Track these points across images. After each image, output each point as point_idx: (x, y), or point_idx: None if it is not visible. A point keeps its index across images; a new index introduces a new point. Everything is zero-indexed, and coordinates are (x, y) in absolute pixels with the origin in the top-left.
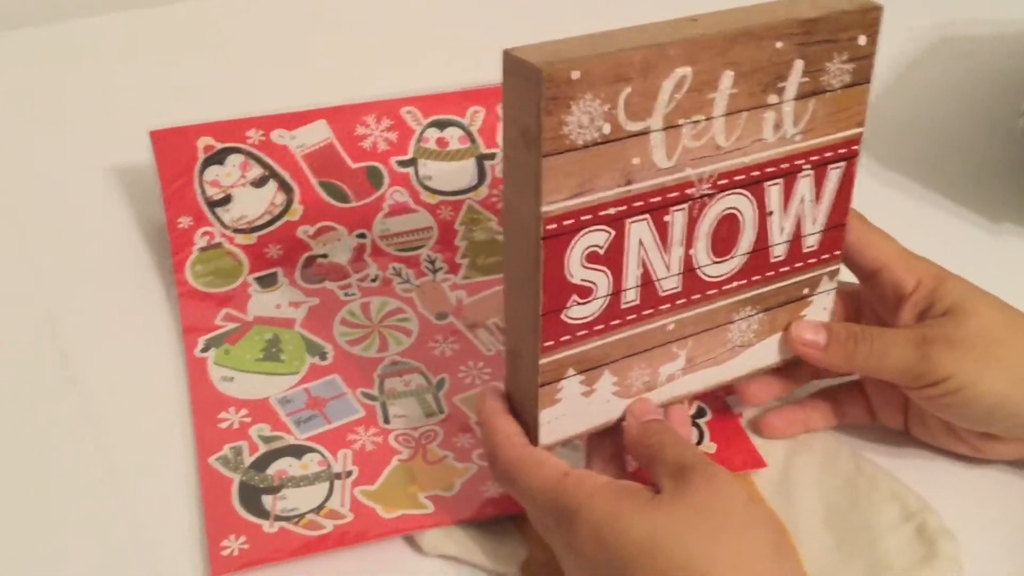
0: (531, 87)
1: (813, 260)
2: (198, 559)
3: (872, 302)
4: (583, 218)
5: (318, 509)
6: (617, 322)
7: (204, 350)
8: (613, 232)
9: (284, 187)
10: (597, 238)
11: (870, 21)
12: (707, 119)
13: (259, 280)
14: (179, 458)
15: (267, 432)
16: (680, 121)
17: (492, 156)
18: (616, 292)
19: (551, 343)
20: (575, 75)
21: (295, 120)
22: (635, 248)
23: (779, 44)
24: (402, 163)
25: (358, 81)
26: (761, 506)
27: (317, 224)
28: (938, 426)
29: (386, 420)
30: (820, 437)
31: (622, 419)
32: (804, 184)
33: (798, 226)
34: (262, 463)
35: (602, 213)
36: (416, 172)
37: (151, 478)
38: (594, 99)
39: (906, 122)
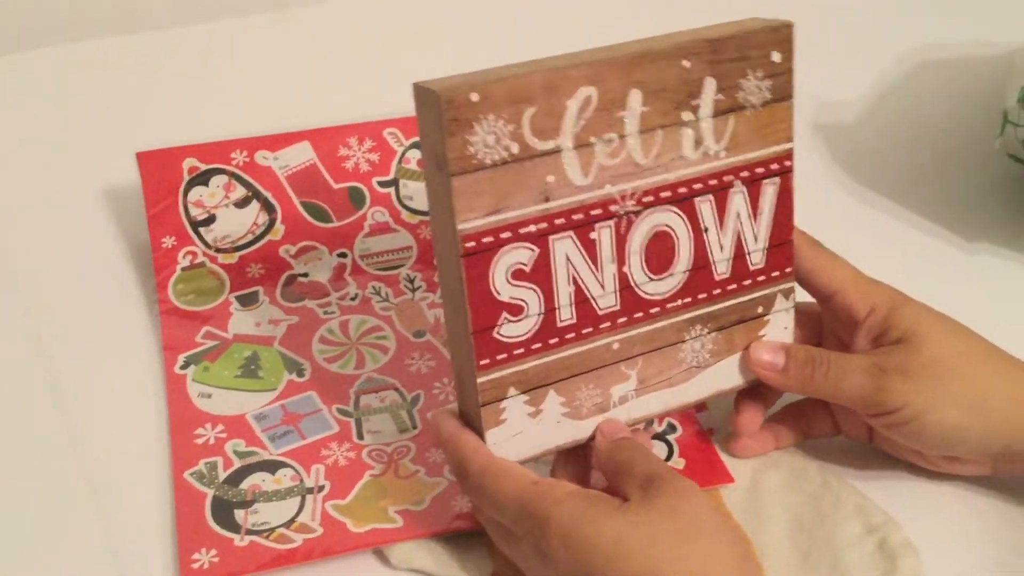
0: (434, 112)
1: (762, 278)
2: (170, 572)
3: (829, 324)
4: (502, 236)
5: (289, 523)
6: (555, 340)
7: (183, 367)
8: (537, 249)
9: (267, 207)
10: (520, 255)
11: (782, 38)
12: (620, 137)
13: (240, 299)
14: (156, 473)
15: (242, 447)
16: (592, 139)
17: None
18: (550, 310)
19: (486, 361)
20: (474, 97)
21: (279, 142)
22: (563, 265)
23: (686, 63)
24: (384, 183)
25: (341, 103)
26: (728, 518)
27: (299, 243)
28: (899, 442)
29: (360, 436)
30: (787, 453)
31: (580, 442)
32: (737, 200)
33: (739, 243)
34: (236, 478)
35: (522, 231)
36: (397, 192)
37: (128, 492)
38: (497, 120)
39: (885, 142)
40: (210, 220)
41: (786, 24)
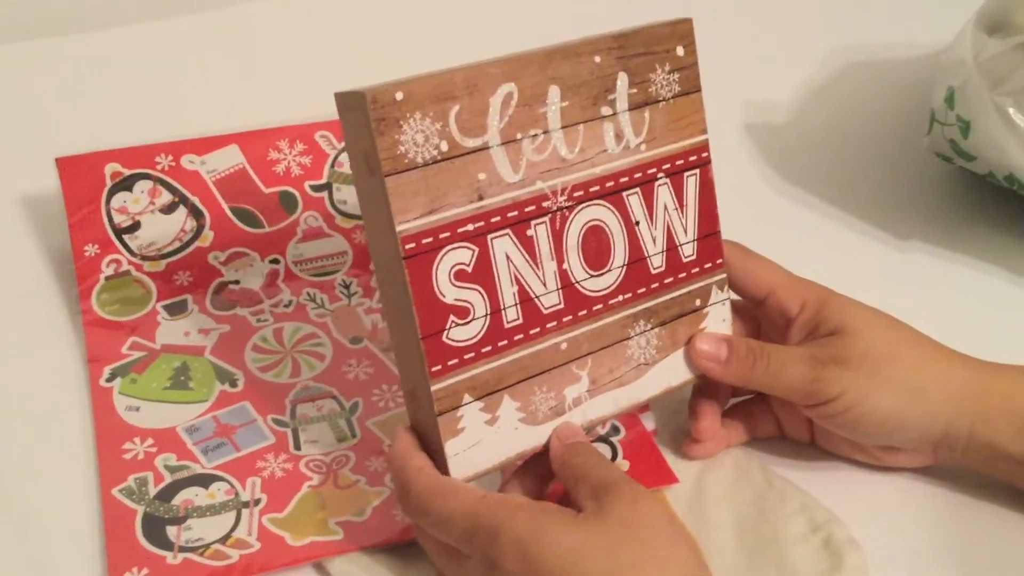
0: (361, 113)
1: (696, 270)
2: None
3: (765, 325)
4: (441, 236)
5: (224, 539)
6: (504, 343)
7: (109, 380)
8: (476, 249)
9: (194, 213)
10: (461, 255)
11: (683, 32)
12: (544, 132)
13: (168, 308)
14: (82, 490)
15: (173, 462)
16: (518, 135)
17: None
18: (495, 311)
19: (438, 367)
20: (399, 95)
21: (206, 145)
22: (504, 264)
23: (597, 58)
24: (316, 188)
25: (271, 105)
26: (683, 526)
27: (229, 250)
28: (841, 438)
29: (297, 446)
30: (731, 453)
31: (539, 449)
32: (663, 193)
33: (670, 235)
34: (167, 493)
35: (460, 230)
36: (331, 196)
37: (53, 511)
38: (423, 118)
39: (815, 142)
40: (135, 227)
41: (685, 20)
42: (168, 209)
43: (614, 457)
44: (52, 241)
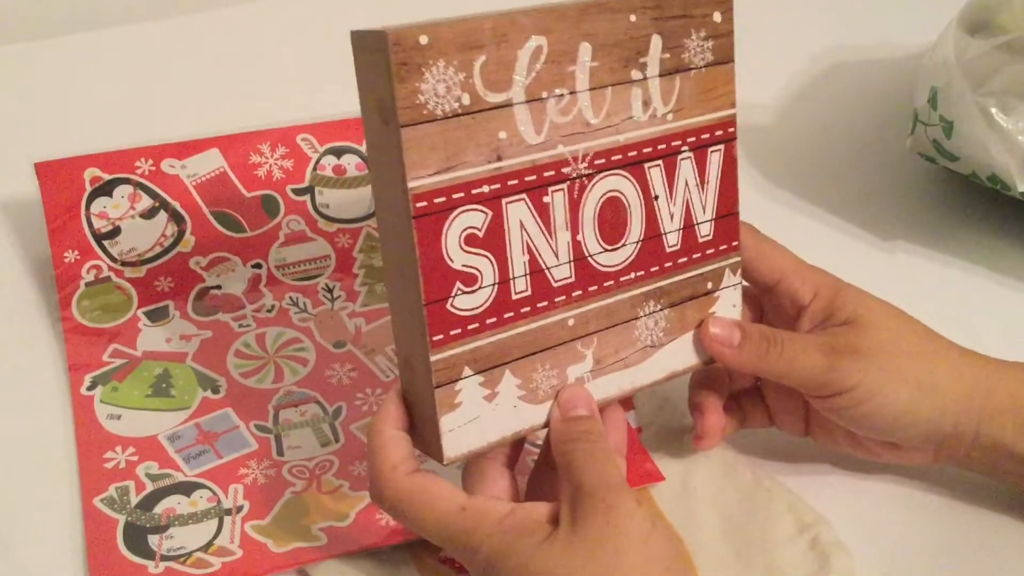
0: (381, 56)
1: (711, 251)
2: None
3: (770, 312)
4: (455, 196)
5: (206, 547)
6: (510, 315)
7: (91, 388)
8: (490, 212)
9: (175, 218)
10: (474, 219)
11: None
12: (571, 93)
13: (149, 314)
14: (63, 500)
15: (155, 470)
16: (543, 94)
17: None
18: (504, 281)
19: (440, 336)
20: (423, 40)
21: (186, 149)
22: (517, 231)
23: (633, 17)
24: (298, 191)
25: (252, 109)
26: (659, 536)
27: (210, 255)
28: (839, 432)
29: (280, 452)
30: (717, 450)
31: (536, 429)
32: (686, 167)
33: (688, 213)
34: (149, 502)
35: (475, 192)
36: (313, 200)
37: (34, 520)
38: (447, 67)
39: (800, 142)
40: (115, 232)
41: None
42: (148, 214)
43: None
44: (31, 247)
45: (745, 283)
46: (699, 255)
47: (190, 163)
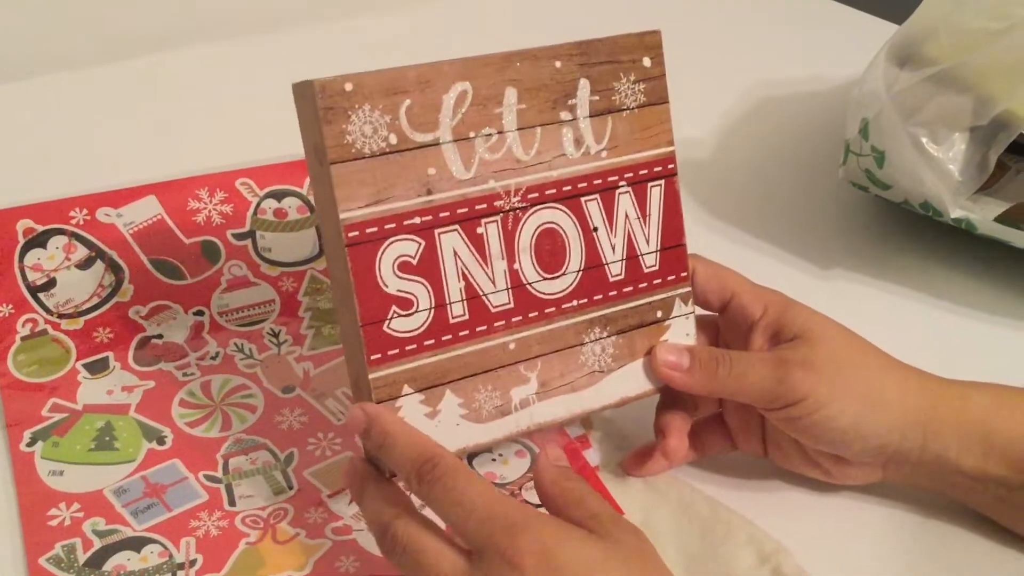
0: (311, 103)
1: (658, 281)
2: None
3: (725, 333)
4: (387, 226)
5: None
6: (448, 337)
7: (30, 444)
8: (423, 242)
9: (113, 267)
10: (406, 247)
11: (650, 44)
12: (499, 132)
13: (88, 366)
14: (7, 561)
15: (102, 526)
16: (471, 134)
17: None
18: (440, 305)
19: (378, 356)
20: (348, 87)
21: (121, 197)
22: (451, 259)
23: (558, 64)
24: (239, 236)
25: (189, 154)
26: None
27: (150, 303)
28: (793, 450)
29: (232, 502)
30: (675, 486)
31: (483, 447)
32: (625, 201)
33: (631, 244)
34: (98, 559)
35: (407, 222)
36: (254, 244)
37: None
38: (372, 110)
39: (735, 175)
40: (50, 284)
41: (654, 32)
42: (85, 264)
43: None
44: None
45: (700, 311)
46: (645, 284)
47: (126, 211)
